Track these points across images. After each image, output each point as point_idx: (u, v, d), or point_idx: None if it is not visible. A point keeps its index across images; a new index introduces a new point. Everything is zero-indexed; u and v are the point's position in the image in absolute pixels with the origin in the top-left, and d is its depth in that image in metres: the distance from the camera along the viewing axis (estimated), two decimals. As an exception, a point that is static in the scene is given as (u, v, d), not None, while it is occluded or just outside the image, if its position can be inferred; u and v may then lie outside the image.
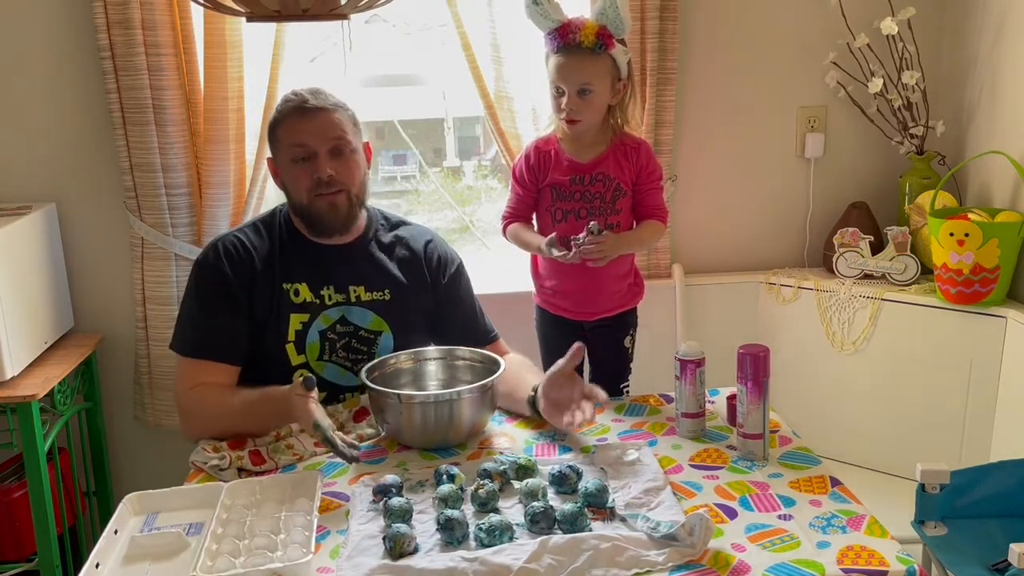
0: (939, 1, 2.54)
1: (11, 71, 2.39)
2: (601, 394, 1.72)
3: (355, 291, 1.90)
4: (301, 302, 1.86)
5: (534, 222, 2.14)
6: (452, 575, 1.29)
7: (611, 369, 2.17)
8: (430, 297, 1.98)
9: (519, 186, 2.11)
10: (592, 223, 1.95)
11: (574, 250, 1.93)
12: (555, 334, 2.17)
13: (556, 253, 1.95)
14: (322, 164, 1.83)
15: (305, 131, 1.82)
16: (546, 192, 2.08)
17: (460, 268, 2.04)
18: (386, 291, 1.92)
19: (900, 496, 1.88)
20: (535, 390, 1.77)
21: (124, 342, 2.53)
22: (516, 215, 2.13)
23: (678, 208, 2.64)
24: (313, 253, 1.90)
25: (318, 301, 1.87)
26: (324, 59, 2.64)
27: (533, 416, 1.79)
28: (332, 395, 1.88)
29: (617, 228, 2.06)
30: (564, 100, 1.97)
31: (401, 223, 2.04)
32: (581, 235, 1.94)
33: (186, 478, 1.65)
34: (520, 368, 1.93)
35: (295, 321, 1.85)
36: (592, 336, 2.15)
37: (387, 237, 1.98)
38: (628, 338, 2.18)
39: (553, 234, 1.97)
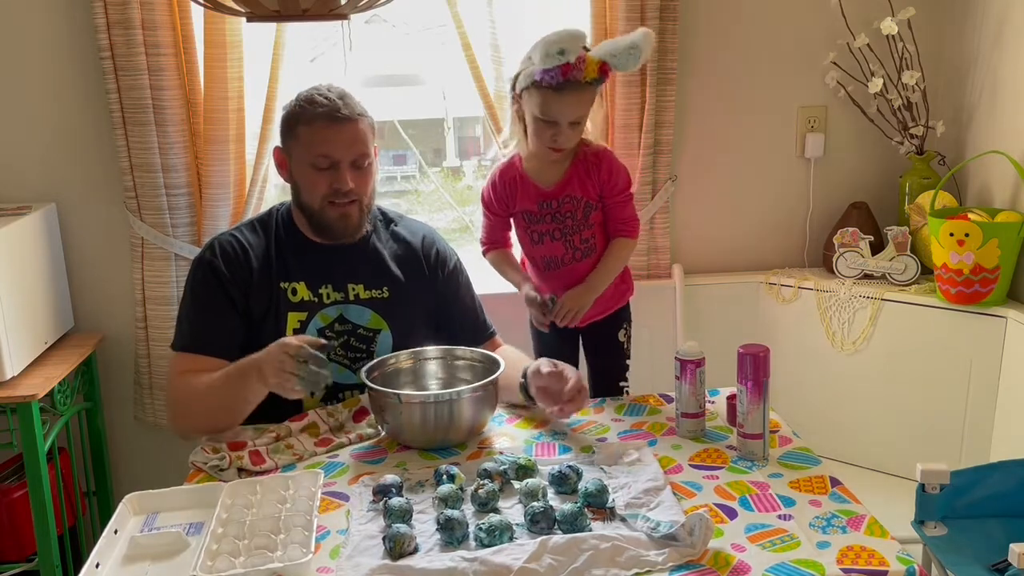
0: (939, 1, 2.54)
1: (11, 71, 2.39)
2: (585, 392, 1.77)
3: (354, 289, 1.90)
4: (299, 301, 1.87)
5: (514, 239, 2.17)
6: (452, 575, 1.29)
7: (608, 365, 2.17)
8: (430, 294, 1.99)
9: (490, 212, 2.12)
10: (549, 297, 2.01)
11: (550, 314, 2.02)
12: (549, 338, 2.16)
13: (535, 312, 2.04)
14: (343, 176, 1.82)
15: (334, 142, 1.81)
16: (519, 217, 2.10)
17: (458, 264, 2.06)
18: (384, 289, 1.92)
19: (900, 496, 1.88)
20: (525, 376, 1.81)
21: (124, 342, 2.53)
22: (492, 241, 2.15)
23: (678, 208, 2.64)
24: (311, 252, 1.90)
25: (316, 300, 1.88)
26: (324, 59, 2.63)
27: (527, 402, 1.82)
28: (331, 393, 1.89)
29: (593, 240, 2.06)
30: (555, 132, 1.94)
31: (398, 219, 2.05)
32: (548, 300, 2.02)
33: (186, 478, 1.65)
34: (515, 360, 1.93)
35: (293, 319, 1.86)
36: (586, 335, 2.15)
37: (385, 234, 1.99)
38: (622, 331, 2.18)
39: (536, 295, 2.03)
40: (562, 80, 1.88)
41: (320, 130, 1.81)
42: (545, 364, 1.77)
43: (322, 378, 1.61)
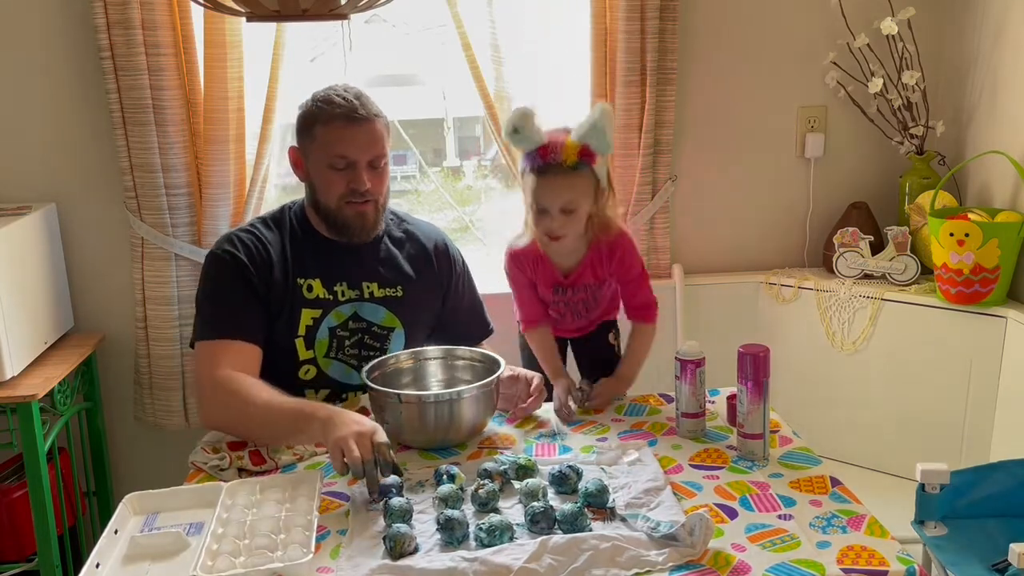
0: (939, 1, 2.54)
1: (11, 71, 2.39)
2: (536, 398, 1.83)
3: (368, 287, 1.92)
4: (314, 298, 1.88)
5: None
6: (452, 575, 1.29)
7: (602, 368, 2.15)
8: (438, 293, 2.03)
9: (517, 286, 2.02)
10: (581, 384, 1.93)
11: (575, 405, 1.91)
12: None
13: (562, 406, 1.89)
14: (360, 176, 1.83)
15: (351, 142, 1.82)
16: None
17: (465, 264, 2.10)
18: (398, 287, 1.94)
19: (900, 496, 1.88)
20: None
21: (124, 342, 2.53)
22: (531, 319, 2.02)
23: (678, 208, 2.64)
24: (327, 250, 1.91)
25: (331, 297, 1.89)
26: (324, 59, 2.63)
27: None
28: (336, 393, 1.90)
29: (598, 304, 2.02)
30: (548, 220, 1.86)
31: (409, 219, 2.07)
32: (577, 391, 1.91)
33: (186, 478, 1.65)
34: None
35: (306, 316, 1.87)
36: (575, 342, 2.12)
37: (398, 233, 2.01)
38: (611, 334, 2.16)
39: (568, 395, 1.90)
40: (542, 163, 1.81)
41: (337, 130, 1.82)
42: (505, 370, 1.80)
43: (372, 484, 1.49)
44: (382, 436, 1.53)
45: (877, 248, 2.51)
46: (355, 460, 1.48)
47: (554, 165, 1.81)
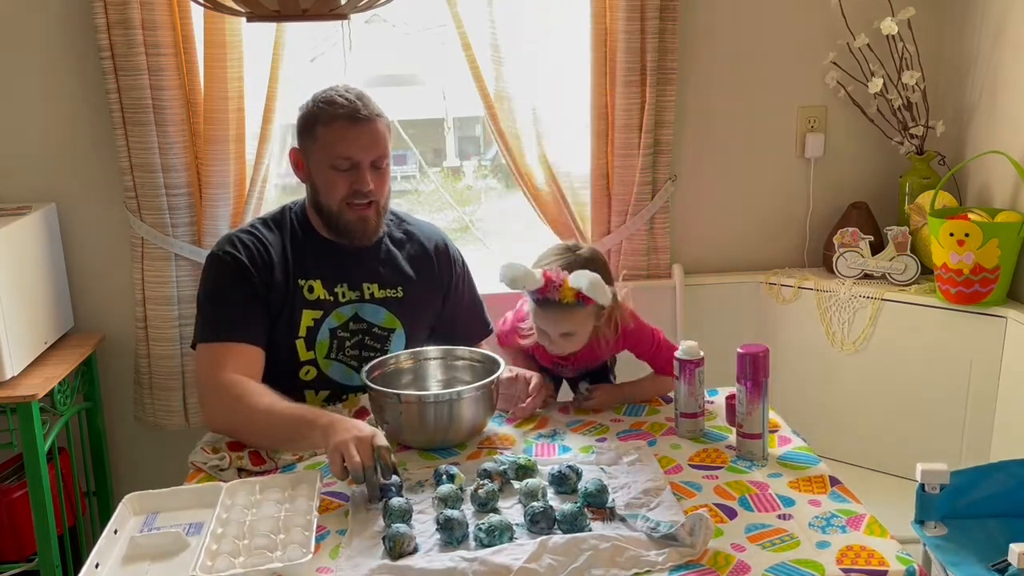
0: (939, 1, 2.54)
1: (11, 71, 2.39)
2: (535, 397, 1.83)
3: (369, 288, 1.92)
4: (315, 299, 1.88)
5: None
6: (452, 575, 1.29)
7: (592, 377, 2.13)
8: (439, 293, 2.03)
9: (507, 348, 2.03)
10: (583, 385, 1.93)
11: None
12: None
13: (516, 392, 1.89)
14: (363, 177, 1.83)
15: (354, 143, 1.81)
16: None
17: (465, 264, 2.10)
18: (399, 288, 1.94)
19: (900, 496, 1.88)
20: None
21: (124, 342, 2.53)
22: (506, 344, 2.04)
23: (678, 208, 2.64)
24: (327, 251, 1.91)
25: (332, 298, 1.89)
26: (324, 59, 2.63)
27: None
28: (336, 394, 1.90)
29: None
30: (548, 341, 1.86)
31: (409, 219, 2.07)
32: (579, 394, 1.93)
33: (186, 478, 1.65)
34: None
35: (307, 317, 1.87)
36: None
37: (398, 234, 2.01)
38: None
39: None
40: (540, 298, 1.80)
41: (340, 130, 1.81)
42: (505, 370, 1.80)
43: (371, 489, 1.49)
44: (382, 440, 1.53)
45: (877, 248, 2.51)
46: (355, 466, 1.48)
47: (552, 301, 1.78)
